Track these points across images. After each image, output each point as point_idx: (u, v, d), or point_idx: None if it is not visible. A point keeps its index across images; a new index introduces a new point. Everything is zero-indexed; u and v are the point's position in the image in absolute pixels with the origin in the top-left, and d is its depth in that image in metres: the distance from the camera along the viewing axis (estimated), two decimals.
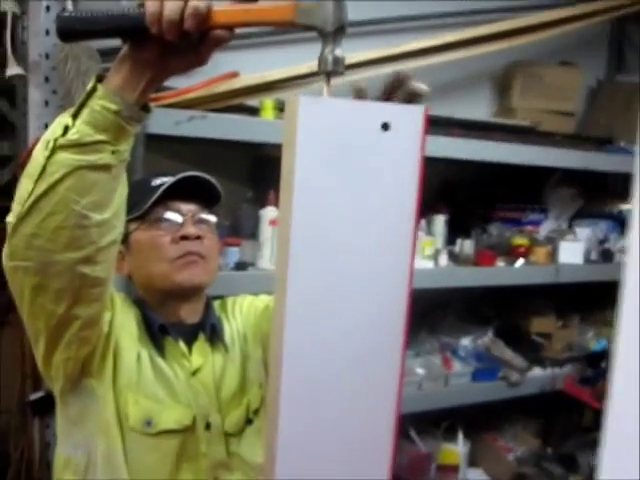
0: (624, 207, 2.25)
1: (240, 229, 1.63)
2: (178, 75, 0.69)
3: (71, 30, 0.66)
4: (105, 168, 0.68)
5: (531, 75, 2.12)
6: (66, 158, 0.67)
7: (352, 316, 0.60)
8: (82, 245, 0.72)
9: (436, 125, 1.64)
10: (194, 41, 0.64)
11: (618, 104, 2.27)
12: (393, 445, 0.64)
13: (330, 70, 0.60)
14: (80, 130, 0.66)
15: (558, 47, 2.18)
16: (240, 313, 1.07)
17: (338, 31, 0.60)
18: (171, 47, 0.64)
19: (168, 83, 1.45)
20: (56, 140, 0.67)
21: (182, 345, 0.97)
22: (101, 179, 0.69)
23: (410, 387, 1.74)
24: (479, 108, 2.17)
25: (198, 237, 0.96)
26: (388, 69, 1.71)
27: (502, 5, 2.06)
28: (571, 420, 2.21)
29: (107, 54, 1.34)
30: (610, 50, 2.47)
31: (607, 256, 2.09)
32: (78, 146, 0.66)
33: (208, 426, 0.94)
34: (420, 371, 1.81)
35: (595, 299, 2.22)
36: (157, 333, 0.96)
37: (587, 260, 2.04)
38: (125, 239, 0.93)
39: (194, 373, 0.96)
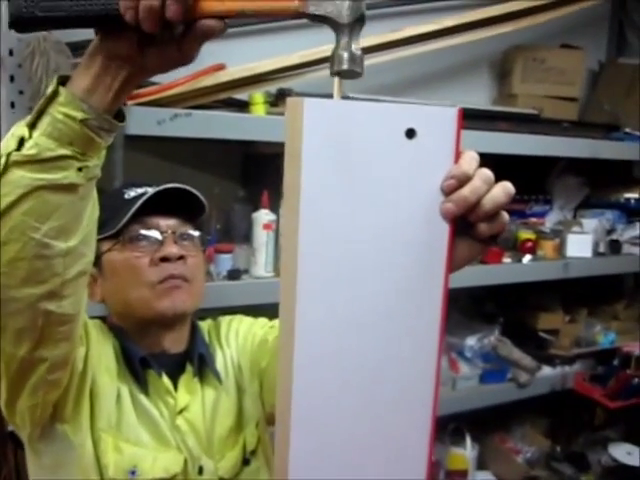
0: (630, 195, 2.17)
1: (233, 232, 1.53)
2: (158, 74, 0.57)
3: (27, 18, 0.53)
4: (70, 188, 0.57)
5: (532, 59, 2.02)
6: (22, 177, 0.55)
7: (377, 355, 0.51)
8: (44, 279, 0.60)
9: None
10: (177, 33, 0.52)
11: (621, 87, 2.18)
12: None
13: (347, 69, 0.49)
14: (39, 143, 0.55)
15: (557, 29, 2.07)
16: (235, 339, 0.96)
17: (355, 23, 0.48)
18: (150, 40, 0.52)
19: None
20: (9, 155, 0.55)
21: (166, 380, 0.86)
22: (65, 201, 0.57)
23: None
24: (478, 95, 2.07)
25: (181, 257, 0.85)
26: (383, 58, 1.61)
27: None
28: (581, 418, 2.14)
29: (79, 48, 1.21)
30: (611, 31, 2.37)
31: (615, 248, 2.00)
32: (37, 162, 0.55)
33: (201, 471, 0.84)
34: None
35: (602, 291, 2.15)
36: (138, 367, 0.85)
37: (595, 253, 1.95)
38: (97, 261, 0.80)
39: (180, 412, 0.85)
